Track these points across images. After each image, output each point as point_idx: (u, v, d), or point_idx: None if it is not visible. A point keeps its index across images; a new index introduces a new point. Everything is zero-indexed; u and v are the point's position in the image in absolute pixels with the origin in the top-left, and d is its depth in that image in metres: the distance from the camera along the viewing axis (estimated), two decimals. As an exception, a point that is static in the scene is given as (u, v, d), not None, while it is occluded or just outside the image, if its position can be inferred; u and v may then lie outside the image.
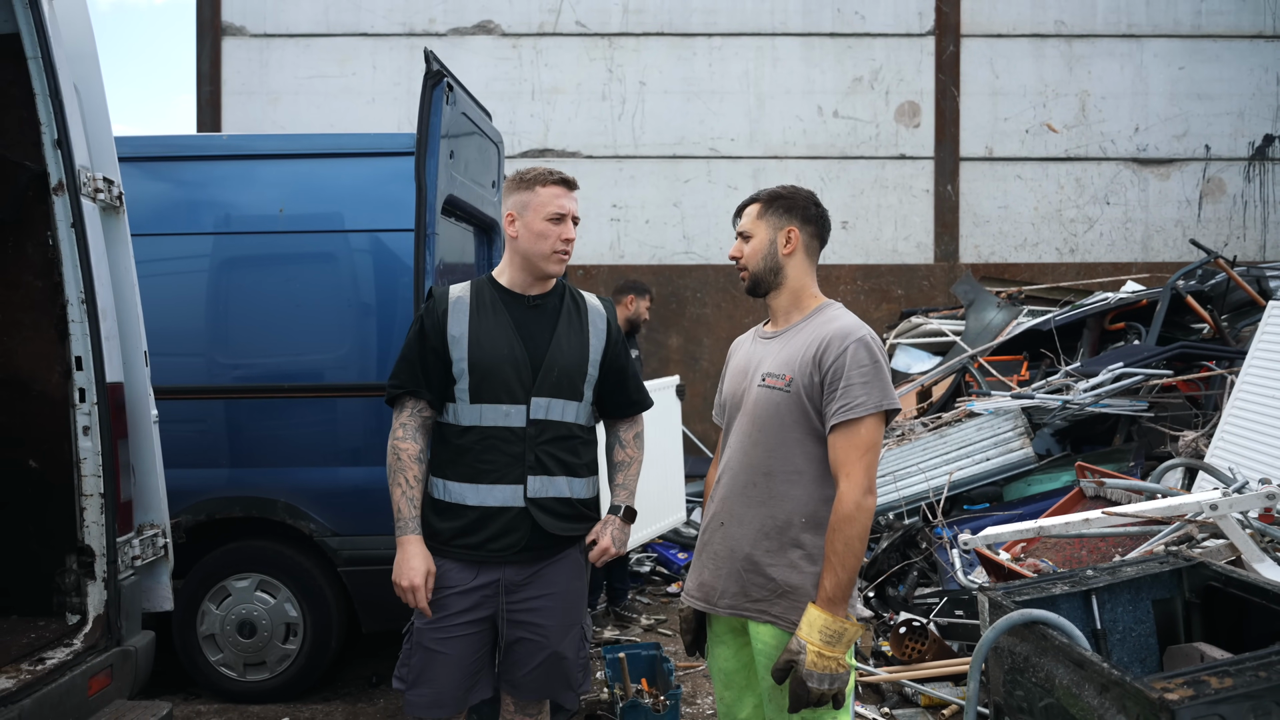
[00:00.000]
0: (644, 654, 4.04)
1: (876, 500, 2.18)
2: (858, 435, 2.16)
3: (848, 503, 2.12)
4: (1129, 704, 1.82)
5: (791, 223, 2.35)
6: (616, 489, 2.69)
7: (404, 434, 2.50)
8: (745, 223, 2.41)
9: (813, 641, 2.08)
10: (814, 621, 2.10)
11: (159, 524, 2.98)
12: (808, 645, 2.08)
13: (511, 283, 2.58)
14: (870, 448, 2.16)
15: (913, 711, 3.82)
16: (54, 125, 2.60)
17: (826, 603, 2.10)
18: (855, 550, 2.11)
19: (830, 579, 2.11)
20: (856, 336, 2.22)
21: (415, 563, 2.44)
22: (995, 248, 9.42)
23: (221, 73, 9.29)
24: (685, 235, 9.34)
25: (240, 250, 4.15)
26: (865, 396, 2.16)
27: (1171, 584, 2.49)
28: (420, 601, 2.44)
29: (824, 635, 2.08)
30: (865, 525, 2.13)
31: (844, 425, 2.16)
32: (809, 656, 2.08)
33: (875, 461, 2.18)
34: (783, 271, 2.36)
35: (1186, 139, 9.39)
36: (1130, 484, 4.11)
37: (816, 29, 9.34)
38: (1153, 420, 5.37)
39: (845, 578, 2.10)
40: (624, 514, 2.64)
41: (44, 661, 2.50)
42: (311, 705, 4.16)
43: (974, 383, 6.71)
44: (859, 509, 2.12)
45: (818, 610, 2.11)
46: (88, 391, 2.66)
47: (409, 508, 2.48)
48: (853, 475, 2.14)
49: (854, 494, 2.12)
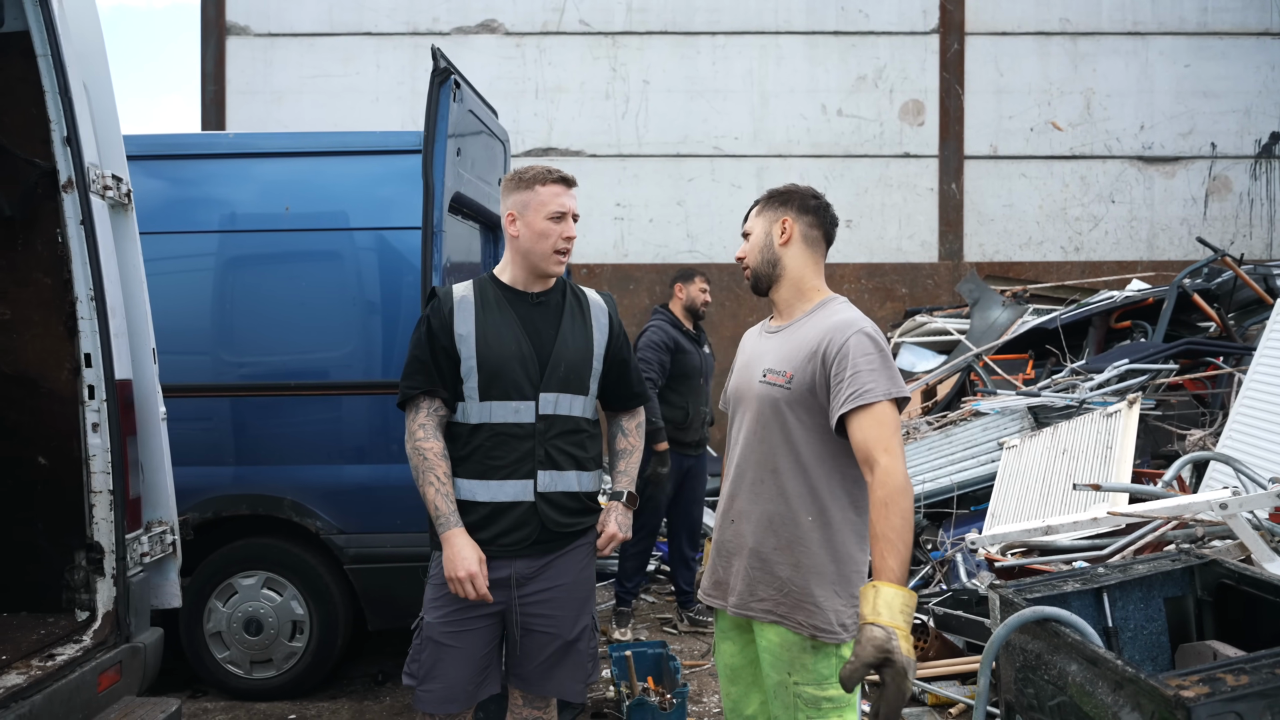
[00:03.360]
0: (650, 652, 4.04)
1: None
2: (882, 414, 2.07)
3: (897, 475, 2.01)
4: (1143, 702, 1.81)
5: (786, 213, 2.34)
6: (618, 476, 2.71)
7: (424, 434, 2.50)
8: (747, 224, 2.43)
9: (898, 625, 1.85)
10: (893, 602, 1.88)
11: (167, 521, 2.98)
12: (897, 631, 1.85)
13: (513, 280, 2.59)
14: (898, 428, 2.09)
15: (920, 710, 3.81)
16: (63, 122, 2.60)
17: (894, 581, 1.92)
18: (910, 524, 1.99)
19: (892, 557, 1.95)
20: (857, 328, 2.19)
21: (466, 553, 2.43)
22: (1000, 246, 9.41)
23: (226, 72, 9.29)
24: (689, 234, 9.33)
25: (246, 248, 4.16)
26: (875, 383, 2.10)
27: (1184, 582, 2.48)
28: (480, 588, 2.42)
29: (906, 614, 1.87)
30: (912, 499, 2.02)
31: (862, 409, 2.08)
32: (902, 644, 1.84)
33: (903, 444, 2.12)
34: (780, 263, 2.34)
35: (1192, 137, 9.37)
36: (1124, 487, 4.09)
37: (820, 27, 9.33)
38: (1159, 419, 5.36)
39: (906, 554, 1.96)
40: (626, 499, 2.66)
41: (54, 658, 2.51)
42: (318, 703, 4.16)
43: (979, 381, 6.70)
44: (908, 482, 2.02)
45: (895, 589, 1.89)
46: (97, 388, 2.66)
47: (446, 504, 2.46)
48: (892, 449, 2.03)
49: (898, 467, 2.01)
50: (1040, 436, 5.06)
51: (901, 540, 1.96)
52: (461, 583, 2.42)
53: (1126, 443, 4.48)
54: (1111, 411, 4.72)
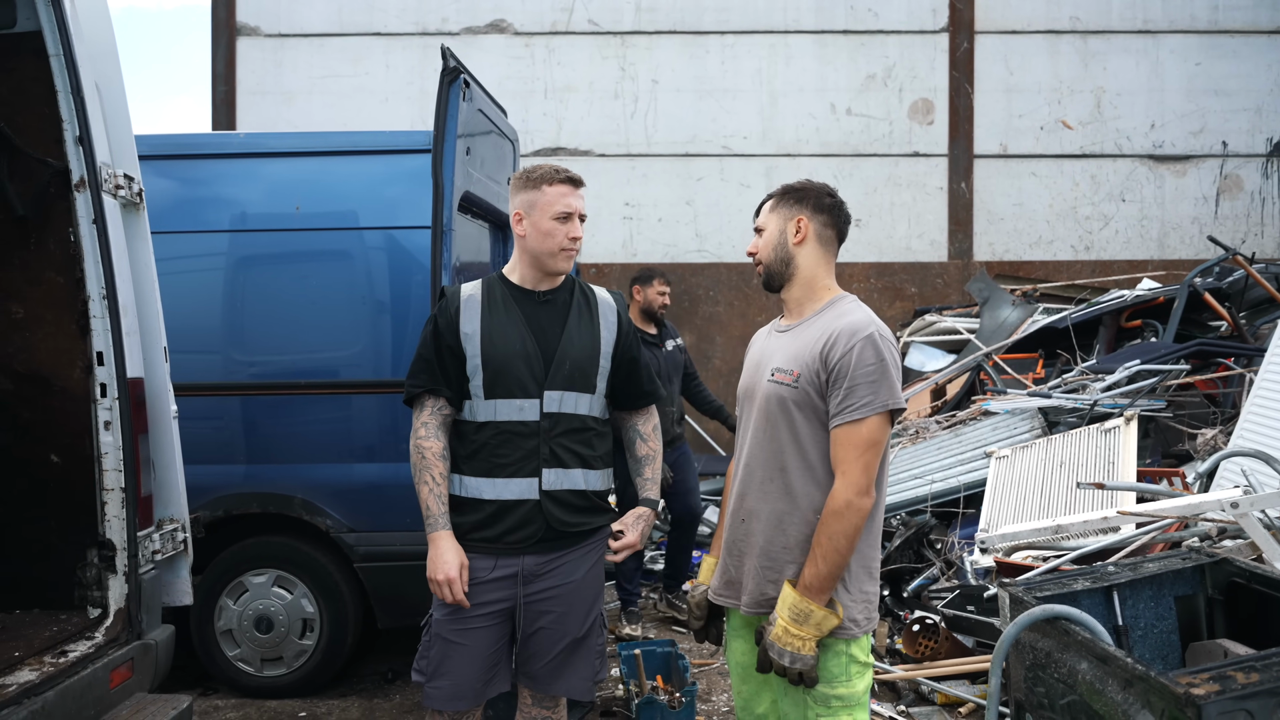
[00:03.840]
0: (659, 651, 4.04)
1: (875, 500, 2.17)
2: (858, 434, 2.16)
3: (838, 500, 2.14)
4: (1154, 699, 1.81)
5: (801, 212, 2.33)
6: (644, 484, 2.70)
7: (426, 432, 2.51)
8: (760, 219, 2.42)
9: (781, 616, 2.14)
10: (785, 599, 2.16)
11: (179, 519, 2.99)
12: (777, 620, 2.15)
13: (521, 279, 2.60)
14: (870, 446, 2.15)
15: (929, 709, 3.80)
16: (76, 122, 2.62)
17: (803, 588, 2.14)
18: (840, 547, 2.12)
19: (810, 568, 2.14)
20: (865, 334, 2.19)
21: (449, 556, 2.45)
22: (1010, 245, 9.38)
23: (236, 73, 9.33)
24: (698, 233, 9.33)
25: (256, 248, 4.17)
26: (871, 396, 2.15)
27: (1194, 580, 2.47)
28: (457, 594, 2.45)
29: (791, 612, 2.13)
30: (855, 525, 2.13)
31: (845, 425, 2.17)
32: (775, 630, 2.15)
33: (875, 461, 2.16)
34: (794, 262, 2.34)
35: (1203, 135, 9.33)
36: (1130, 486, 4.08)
37: (829, 26, 9.32)
38: (1170, 418, 5.34)
39: (825, 570, 2.13)
40: (655, 507, 2.66)
41: (66, 654, 2.52)
42: (328, 701, 4.17)
43: (989, 381, 6.68)
44: (849, 507, 2.13)
45: (790, 590, 2.16)
46: (109, 387, 2.67)
47: (437, 505, 2.49)
48: (848, 474, 2.15)
49: (846, 492, 2.14)
50: (1033, 448, 5.05)
51: (823, 556, 2.13)
52: (440, 586, 2.45)
53: (1127, 457, 4.51)
54: (1109, 428, 4.73)
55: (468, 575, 2.48)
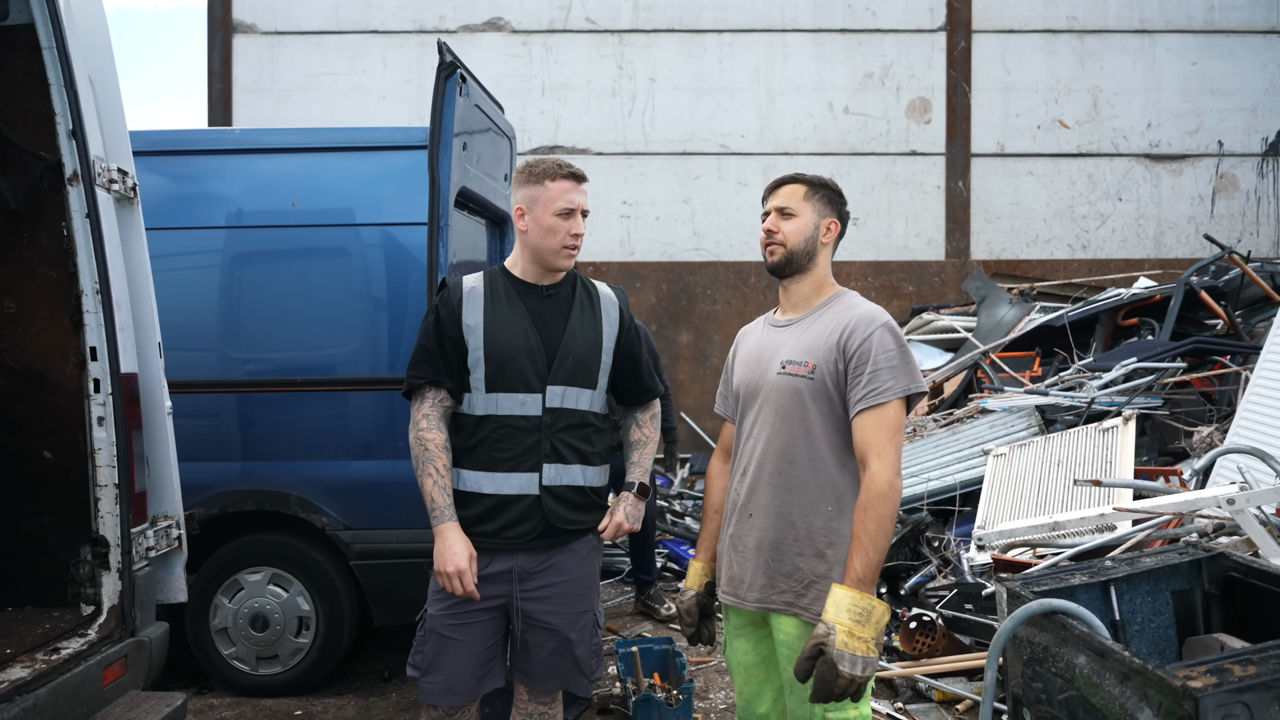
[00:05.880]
0: (657, 648, 4.03)
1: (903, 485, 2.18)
2: (886, 417, 2.16)
3: (881, 481, 2.10)
4: (1151, 693, 1.80)
5: (833, 216, 2.39)
6: (632, 466, 2.70)
7: (428, 424, 2.49)
8: (787, 200, 2.37)
9: (841, 621, 2.00)
10: (841, 601, 2.02)
11: (173, 515, 2.98)
12: (837, 626, 2.00)
13: (523, 273, 2.58)
14: (898, 429, 2.17)
15: (927, 706, 3.80)
16: (69, 116, 2.60)
17: (856, 582, 2.04)
18: (887, 530, 2.07)
19: (860, 559, 2.05)
20: (881, 322, 2.24)
21: (457, 548, 2.43)
22: (1007, 244, 9.39)
23: (232, 70, 9.32)
24: (695, 232, 9.33)
25: (252, 244, 4.16)
26: (893, 381, 2.17)
27: (1191, 575, 2.46)
28: (468, 585, 2.42)
29: (853, 614, 2.00)
30: (896, 505, 2.11)
31: (871, 409, 2.17)
32: (839, 637, 1.98)
33: (902, 444, 2.18)
34: (816, 258, 2.38)
35: (1199, 135, 9.34)
36: (1126, 483, 4.08)
37: (827, 25, 9.32)
38: (1167, 416, 5.34)
39: (876, 558, 2.06)
40: (638, 490, 2.65)
41: (59, 651, 2.50)
42: (324, 699, 4.16)
43: (986, 379, 6.68)
44: (891, 488, 2.10)
45: (845, 589, 2.04)
46: (102, 382, 2.66)
47: (442, 497, 2.46)
48: (884, 455, 2.12)
49: (886, 473, 2.11)
50: (1031, 446, 5.05)
51: (872, 544, 2.06)
52: (450, 578, 2.42)
53: (1125, 457, 4.51)
54: (1107, 427, 4.73)
55: (477, 567, 2.47)
